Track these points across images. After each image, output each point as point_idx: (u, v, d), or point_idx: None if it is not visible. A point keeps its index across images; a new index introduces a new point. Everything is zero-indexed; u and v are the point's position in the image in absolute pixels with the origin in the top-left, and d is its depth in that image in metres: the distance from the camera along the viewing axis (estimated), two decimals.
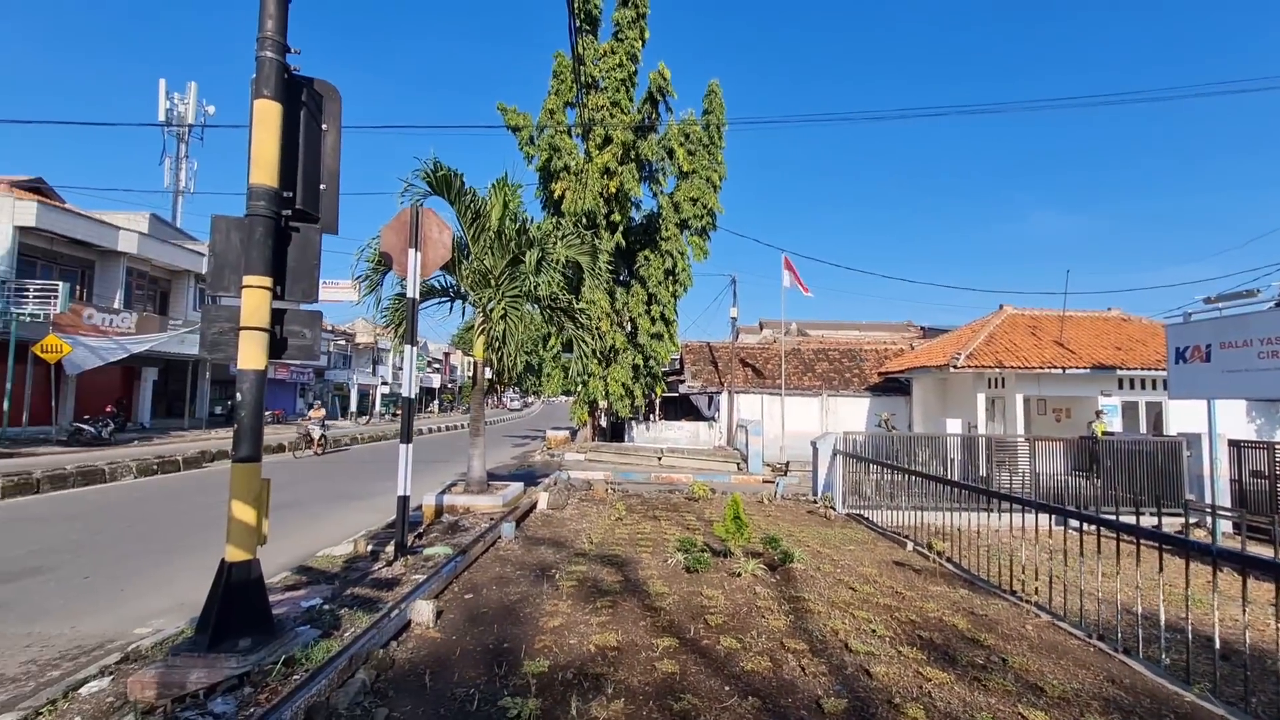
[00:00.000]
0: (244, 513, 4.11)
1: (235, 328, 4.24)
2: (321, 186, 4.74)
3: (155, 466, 14.66)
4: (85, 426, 18.49)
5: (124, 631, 5.19)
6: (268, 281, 4.24)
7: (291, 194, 4.50)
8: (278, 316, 4.45)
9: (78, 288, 21.42)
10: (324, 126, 4.80)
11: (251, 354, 4.19)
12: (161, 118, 33.26)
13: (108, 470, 13.36)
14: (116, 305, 22.33)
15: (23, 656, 4.68)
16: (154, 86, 32.81)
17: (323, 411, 22.08)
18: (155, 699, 3.58)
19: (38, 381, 18.86)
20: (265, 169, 4.27)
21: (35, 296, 18.21)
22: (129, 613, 5.66)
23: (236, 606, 4.00)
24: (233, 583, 4.01)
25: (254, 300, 4.18)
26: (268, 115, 4.27)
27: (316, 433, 20.22)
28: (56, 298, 18.29)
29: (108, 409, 20.78)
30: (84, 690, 3.91)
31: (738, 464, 17.98)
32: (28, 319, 17.82)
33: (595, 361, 17.10)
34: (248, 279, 4.19)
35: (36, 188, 21.35)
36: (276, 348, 4.43)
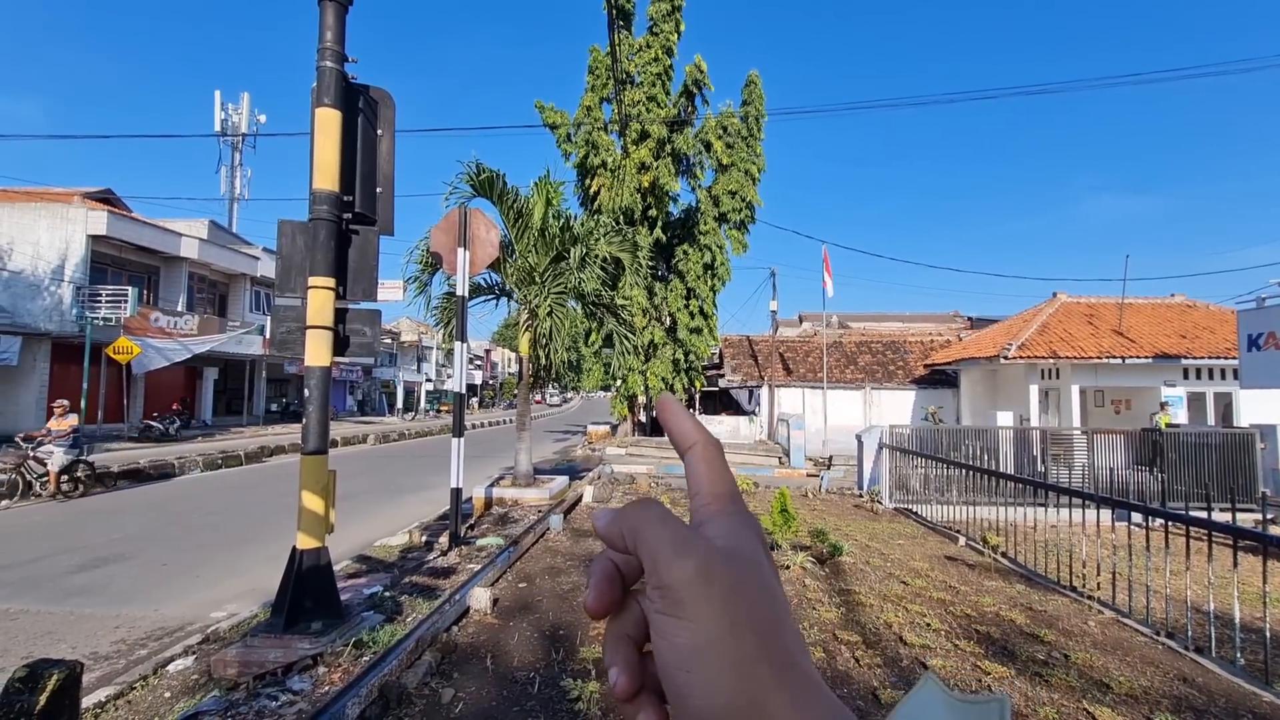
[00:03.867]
0: (313, 502, 4.32)
1: (302, 326, 4.44)
2: (378, 190, 4.92)
3: (220, 461, 15.41)
4: (154, 424, 19.54)
5: (202, 615, 5.51)
6: (331, 282, 4.44)
7: (351, 198, 4.69)
8: (340, 315, 4.64)
9: (144, 292, 22.61)
10: (379, 132, 4.98)
11: (318, 351, 4.39)
12: (217, 128, 34.79)
13: (177, 465, 14.11)
14: (180, 308, 23.49)
15: (113, 637, 5.02)
16: (210, 98, 34.32)
17: (70, 421, 11.22)
18: (237, 676, 3.81)
19: (110, 381, 20.01)
20: (327, 174, 4.46)
21: (107, 301, 19.30)
22: (205, 597, 6.00)
23: (308, 591, 4.22)
24: (304, 569, 4.23)
25: (319, 300, 4.38)
26: (328, 122, 4.46)
27: (57, 461, 10.52)
28: (126, 302, 19.32)
29: (174, 407, 21.89)
30: (171, 667, 4.18)
31: (779, 458, 17.84)
32: (100, 322, 18.91)
33: (635, 356, 17.21)
34: (313, 280, 4.39)
35: (106, 198, 22.59)
36: (340, 345, 4.63)
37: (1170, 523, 5.09)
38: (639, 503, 0.35)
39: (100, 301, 19.21)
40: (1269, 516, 10.04)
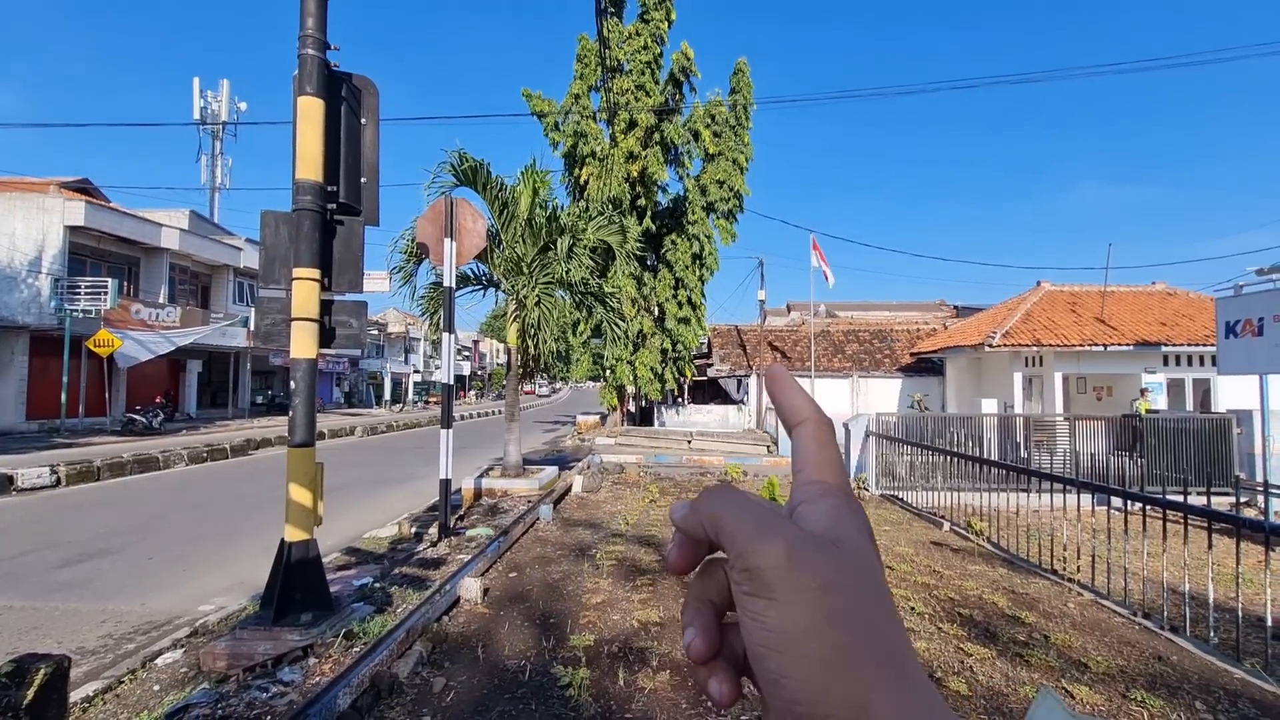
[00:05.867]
0: (301, 495, 4.31)
1: (287, 318, 4.40)
2: (363, 180, 4.87)
3: (205, 454, 15.27)
4: (137, 417, 19.29)
5: (189, 608, 5.48)
6: (316, 273, 4.40)
7: (335, 188, 4.64)
8: (325, 307, 4.61)
9: (125, 284, 22.24)
10: (363, 121, 4.92)
11: (304, 343, 4.35)
12: (196, 116, 34.13)
13: (161, 458, 13.96)
14: (161, 300, 23.14)
15: (99, 631, 4.99)
16: (189, 85, 33.63)
17: None
18: (227, 669, 3.81)
19: (91, 374, 19.73)
20: (310, 164, 4.40)
21: (86, 293, 18.97)
22: (192, 591, 5.97)
23: (297, 583, 4.22)
24: (293, 561, 4.22)
25: (304, 292, 4.34)
26: (311, 111, 4.40)
27: None
28: (106, 294, 19.00)
29: (157, 400, 21.62)
30: (159, 661, 4.17)
31: (768, 446, 17.97)
32: (80, 315, 18.60)
33: (624, 346, 17.20)
34: (297, 271, 4.35)
35: (83, 188, 22.14)
36: (325, 337, 4.60)
37: (1148, 506, 5.20)
38: (716, 489, 0.33)
39: (79, 293, 18.88)
40: (1243, 499, 10.29)
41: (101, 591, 5.90)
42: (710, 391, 28.73)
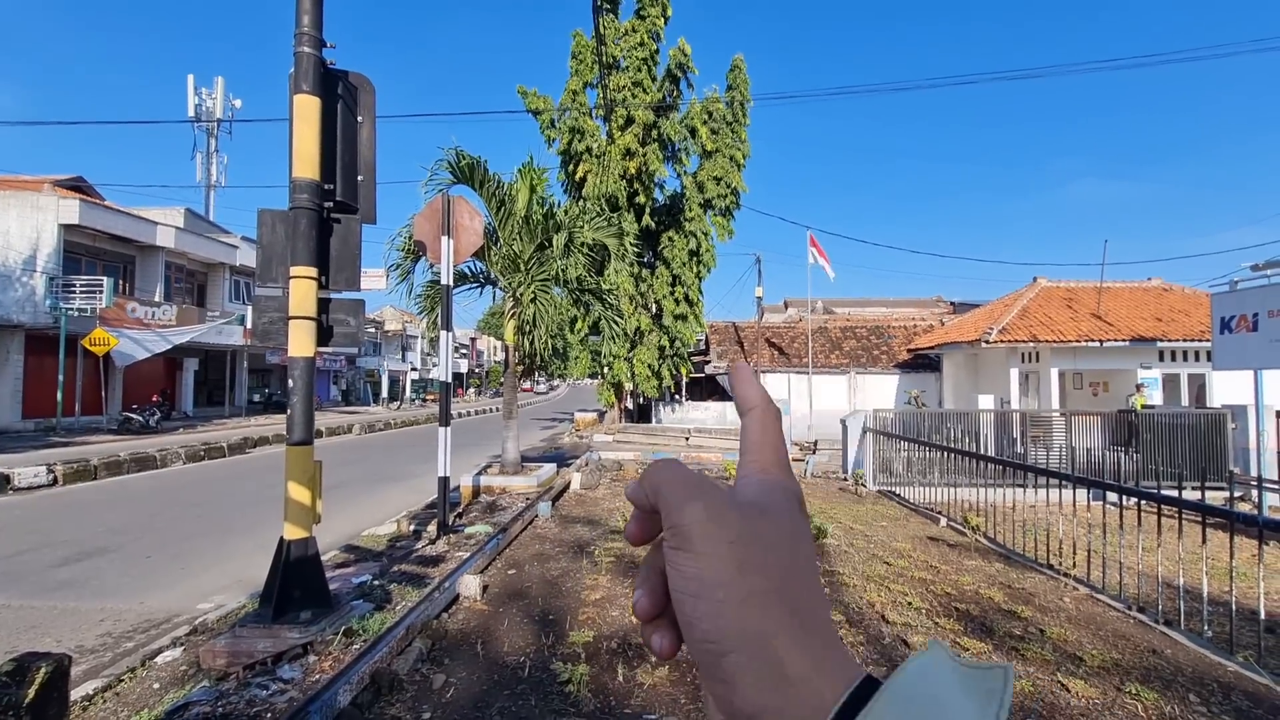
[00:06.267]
0: (300, 493, 4.31)
1: (284, 317, 4.40)
2: (359, 178, 4.86)
3: (202, 453, 15.25)
4: (134, 416, 19.24)
5: (188, 607, 5.48)
6: (313, 272, 4.39)
7: (332, 186, 4.63)
8: (323, 305, 4.60)
9: (120, 282, 22.17)
10: (359, 119, 4.91)
11: (301, 342, 4.35)
12: (191, 113, 33.96)
13: (159, 457, 13.93)
14: (157, 298, 23.06)
15: (98, 630, 5.00)
16: (183, 83, 33.46)
17: None
18: (226, 666, 3.82)
19: (87, 373, 19.64)
20: (307, 162, 4.40)
21: (81, 291, 18.88)
22: (191, 589, 5.97)
23: (296, 581, 4.22)
24: (292, 559, 4.23)
25: (301, 290, 4.34)
26: (307, 110, 4.39)
27: None
28: (101, 292, 18.90)
29: (154, 398, 21.56)
30: (159, 659, 4.18)
31: None
32: (75, 313, 18.52)
33: (622, 343, 17.20)
34: (294, 270, 4.35)
35: (78, 186, 22.04)
36: (323, 335, 4.60)
37: (1143, 501, 5.24)
38: (660, 463, 0.37)
39: (75, 292, 18.79)
40: (1237, 494, 10.34)
41: (100, 590, 5.90)
42: (708, 388, 28.76)
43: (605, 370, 21.69)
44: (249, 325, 23.21)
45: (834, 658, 0.32)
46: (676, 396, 26.71)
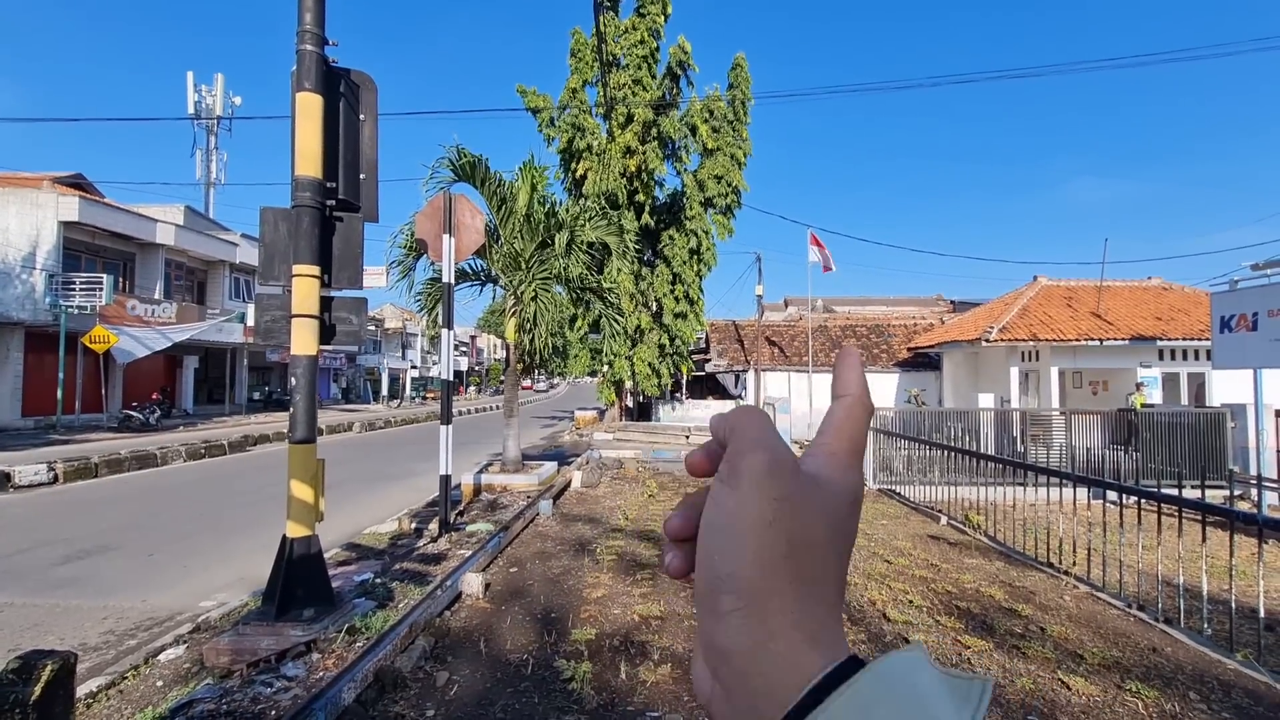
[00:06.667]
0: (302, 491, 4.32)
1: (287, 315, 4.40)
2: (362, 176, 4.86)
3: (203, 450, 15.25)
4: (134, 413, 19.22)
5: (191, 604, 5.49)
6: (316, 270, 4.40)
7: (334, 184, 4.63)
8: (325, 303, 4.61)
9: (120, 280, 22.14)
10: (361, 117, 4.91)
11: (304, 340, 4.36)
12: (190, 111, 33.92)
13: (159, 455, 13.94)
14: (157, 296, 23.04)
15: (101, 628, 5.01)
16: (182, 79, 33.41)
17: None
18: (230, 664, 3.83)
19: (88, 371, 19.63)
20: (309, 160, 4.39)
21: (81, 289, 18.85)
22: (193, 587, 5.98)
23: (299, 579, 4.23)
24: (294, 557, 4.24)
25: (304, 288, 4.34)
26: (309, 108, 4.39)
27: None
28: (101, 290, 18.88)
29: (154, 396, 21.54)
30: (162, 657, 4.19)
31: None
32: (75, 311, 18.50)
33: (622, 341, 17.19)
34: (297, 268, 4.35)
35: (77, 183, 22.01)
36: (326, 333, 4.60)
37: (1143, 500, 5.25)
38: (746, 408, 0.37)
39: (74, 289, 18.77)
40: (1236, 493, 10.36)
41: (102, 588, 5.91)
42: (708, 386, 28.77)
43: (606, 368, 21.70)
44: (249, 323, 23.21)
45: (827, 637, 0.32)
46: (677, 395, 26.71)
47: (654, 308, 21.62)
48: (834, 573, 0.35)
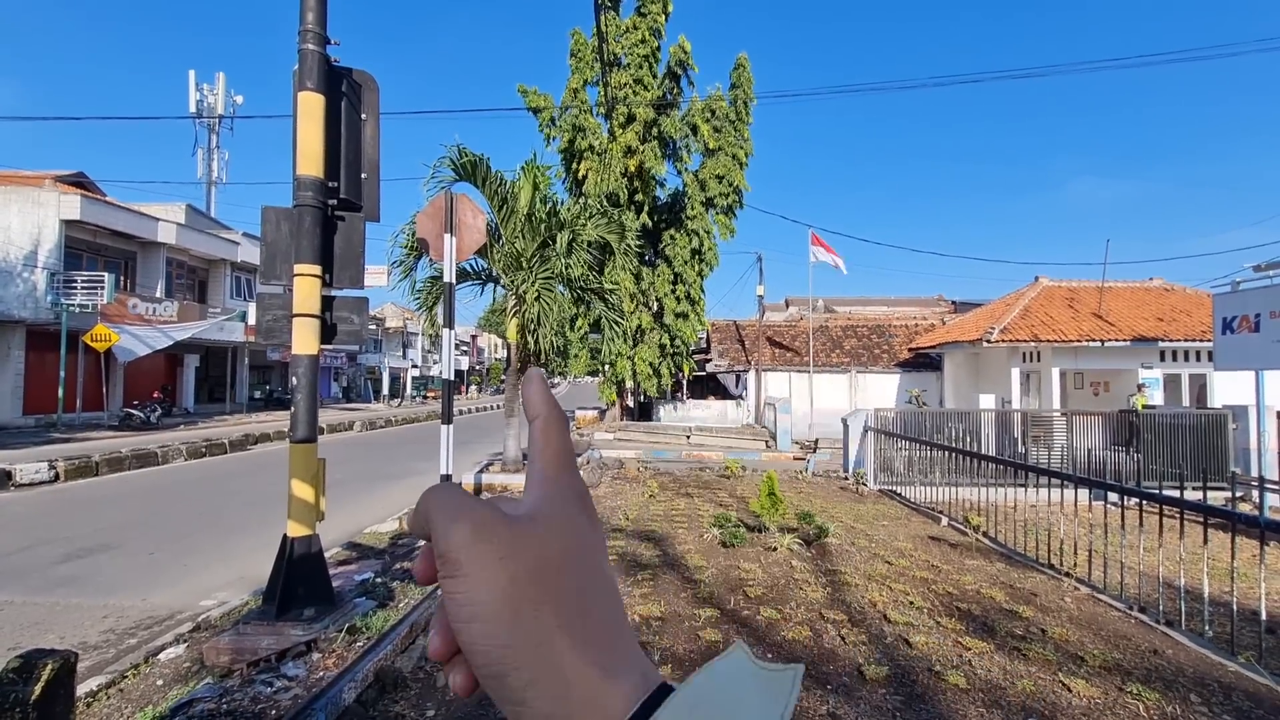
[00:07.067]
0: (303, 490, 4.32)
1: (288, 314, 4.40)
2: (363, 176, 4.86)
3: (204, 449, 15.26)
4: (135, 412, 19.23)
5: (191, 603, 5.50)
6: (317, 269, 4.39)
7: (336, 184, 4.63)
8: (326, 303, 4.61)
9: (122, 278, 22.16)
10: (363, 116, 4.90)
11: (305, 340, 4.36)
12: (192, 109, 33.95)
13: (160, 453, 13.95)
14: (158, 294, 23.06)
15: (101, 626, 5.01)
16: (183, 78, 33.43)
17: None
18: (230, 663, 3.83)
19: (89, 369, 19.66)
20: (311, 160, 4.39)
21: (83, 287, 18.87)
22: (194, 586, 5.98)
23: (300, 578, 4.23)
24: (295, 556, 4.24)
25: (305, 288, 4.34)
26: (311, 107, 4.39)
27: None
28: (103, 288, 18.89)
29: (155, 395, 21.55)
30: (163, 656, 4.19)
31: (766, 442, 18.02)
32: (76, 309, 18.52)
33: (623, 341, 17.20)
34: (299, 267, 4.35)
35: (79, 181, 22.02)
36: (327, 333, 4.60)
37: (1145, 502, 5.24)
38: (432, 489, 0.35)
39: (76, 288, 18.79)
40: (1238, 494, 10.35)
41: (102, 586, 5.91)
42: (709, 386, 28.76)
43: (606, 368, 21.70)
44: (251, 322, 23.22)
45: (627, 665, 0.31)
46: (678, 395, 26.71)
47: (655, 307, 21.62)
48: (602, 590, 0.34)
